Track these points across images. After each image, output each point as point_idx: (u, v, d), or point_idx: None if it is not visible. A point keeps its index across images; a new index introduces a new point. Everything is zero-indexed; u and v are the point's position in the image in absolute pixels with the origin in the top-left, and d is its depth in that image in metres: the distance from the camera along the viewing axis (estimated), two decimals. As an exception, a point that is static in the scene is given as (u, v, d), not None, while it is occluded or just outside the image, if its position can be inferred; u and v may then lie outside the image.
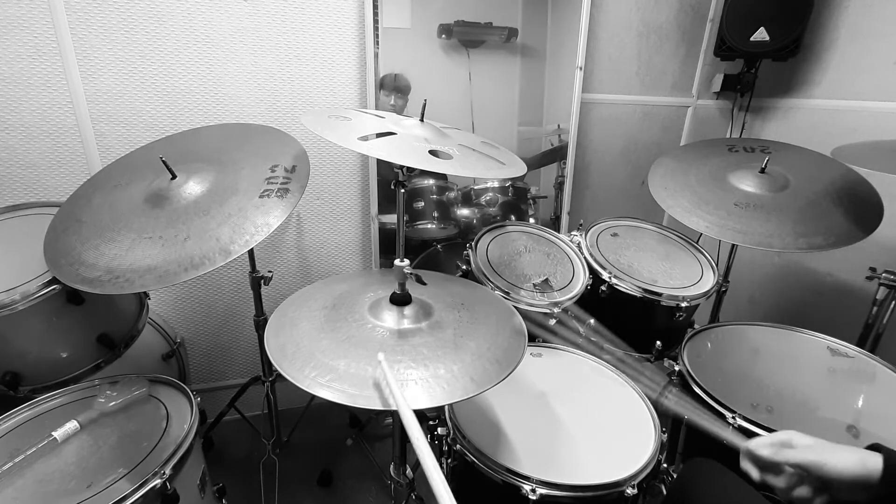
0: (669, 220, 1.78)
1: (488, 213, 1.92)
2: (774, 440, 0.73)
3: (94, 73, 1.44)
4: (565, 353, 1.35)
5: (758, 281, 2.20)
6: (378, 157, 0.91)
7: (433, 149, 0.92)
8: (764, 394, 1.19)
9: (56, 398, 1.06)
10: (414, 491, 1.17)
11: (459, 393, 0.77)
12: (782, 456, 0.70)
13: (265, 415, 1.63)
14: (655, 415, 1.11)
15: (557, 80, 1.95)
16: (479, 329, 0.94)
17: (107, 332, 1.15)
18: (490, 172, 1.24)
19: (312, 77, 1.65)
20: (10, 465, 0.85)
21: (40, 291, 1.01)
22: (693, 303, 1.46)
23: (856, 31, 1.79)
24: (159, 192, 1.08)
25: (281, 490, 1.57)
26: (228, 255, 0.94)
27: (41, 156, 1.45)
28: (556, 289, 1.46)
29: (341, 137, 0.90)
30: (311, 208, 1.81)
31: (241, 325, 1.85)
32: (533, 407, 1.15)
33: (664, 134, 2.23)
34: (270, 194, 1.05)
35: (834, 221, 1.28)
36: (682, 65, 2.14)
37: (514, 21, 1.85)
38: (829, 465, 0.66)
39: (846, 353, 1.30)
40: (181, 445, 0.90)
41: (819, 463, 0.66)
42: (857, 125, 1.80)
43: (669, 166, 1.57)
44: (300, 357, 0.83)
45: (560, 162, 2.04)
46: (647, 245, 1.70)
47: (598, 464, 0.98)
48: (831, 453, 0.67)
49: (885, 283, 1.34)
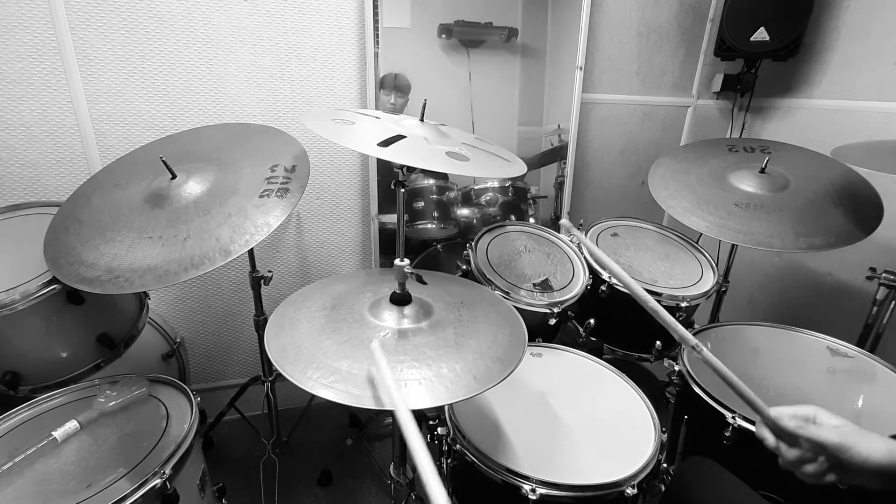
0: (669, 220, 1.78)
1: (488, 213, 1.92)
2: (799, 412, 0.71)
3: (94, 73, 1.44)
4: (565, 353, 1.35)
5: (758, 281, 2.20)
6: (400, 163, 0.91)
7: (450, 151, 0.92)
8: (764, 394, 1.17)
9: (56, 398, 1.06)
10: (414, 491, 1.17)
11: (463, 392, 0.77)
12: (807, 431, 0.68)
13: (265, 415, 1.63)
14: (655, 415, 1.11)
15: (557, 80, 1.95)
16: (479, 328, 0.94)
17: (107, 332, 1.15)
18: (490, 172, 1.24)
19: (312, 77, 1.65)
20: (10, 465, 0.85)
21: (40, 291, 1.01)
22: (693, 303, 1.46)
23: (856, 31, 1.79)
24: (159, 191, 1.08)
25: (281, 490, 1.57)
26: (228, 255, 0.94)
27: (41, 155, 1.45)
28: (556, 289, 1.46)
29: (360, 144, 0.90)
30: (311, 208, 1.81)
31: (241, 324, 1.85)
32: (533, 407, 1.15)
33: (664, 134, 2.23)
34: (270, 194, 1.05)
35: (834, 221, 1.28)
36: (682, 65, 2.14)
37: (514, 21, 1.85)
38: (856, 449, 0.64)
39: (846, 353, 1.30)
40: (181, 445, 0.90)
41: (846, 446, 0.64)
42: (857, 125, 1.80)
43: (669, 166, 1.57)
44: (302, 358, 0.83)
45: (560, 162, 2.04)
46: (646, 245, 1.70)
47: (598, 464, 0.98)
48: (860, 438, 0.65)
49: (885, 283, 1.34)
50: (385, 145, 0.87)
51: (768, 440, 0.72)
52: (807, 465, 0.69)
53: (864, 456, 0.63)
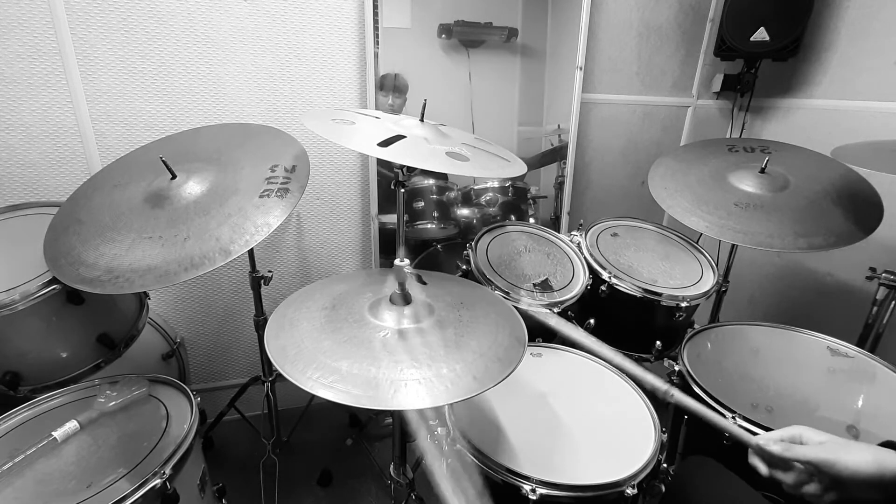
0: (669, 220, 1.78)
1: (488, 213, 1.92)
2: (784, 435, 0.71)
3: (94, 73, 1.44)
4: (565, 353, 1.35)
5: (758, 281, 2.20)
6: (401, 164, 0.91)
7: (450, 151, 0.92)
8: (764, 394, 1.20)
9: (56, 398, 1.06)
10: (414, 491, 1.17)
11: (463, 392, 0.77)
12: (793, 453, 0.68)
13: (265, 415, 1.63)
14: (655, 415, 1.11)
15: (557, 80, 1.95)
16: (479, 328, 0.94)
17: (107, 332, 1.15)
18: (490, 172, 1.24)
19: (312, 77, 1.65)
20: (10, 465, 0.85)
21: (40, 291, 1.01)
22: (693, 303, 1.46)
23: (856, 31, 1.79)
24: (159, 191, 1.08)
25: (281, 490, 1.57)
26: (228, 255, 0.94)
27: (41, 155, 1.45)
28: (556, 289, 1.46)
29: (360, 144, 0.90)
30: (311, 208, 1.81)
31: (241, 325, 1.85)
32: (533, 407, 1.15)
33: (664, 134, 2.23)
34: (270, 194, 1.05)
35: (834, 221, 1.28)
36: (682, 65, 2.14)
37: (514, 21, 1.85)
38: (842, 463, 0.63)
39: (846, 353, 1.30)
40: (181, 445, 0.90)
41: (831, 461, 0.64)
42: (857, 125, 1.80)
43: (669, 166, 1.57)
44: (301, 358, 0.82)
45: (560, 162, 2.04)
46: (647, 245, 1.70)
47: (598, 464, 0.98)
48: (845, 451, 0.65)
49: (885, 283, 1.34)
50: (385, 145, 0.87)
51: (761, 469, 0.72)
52: (806, 486, 0.68)
53: (851, 469, 0.63)
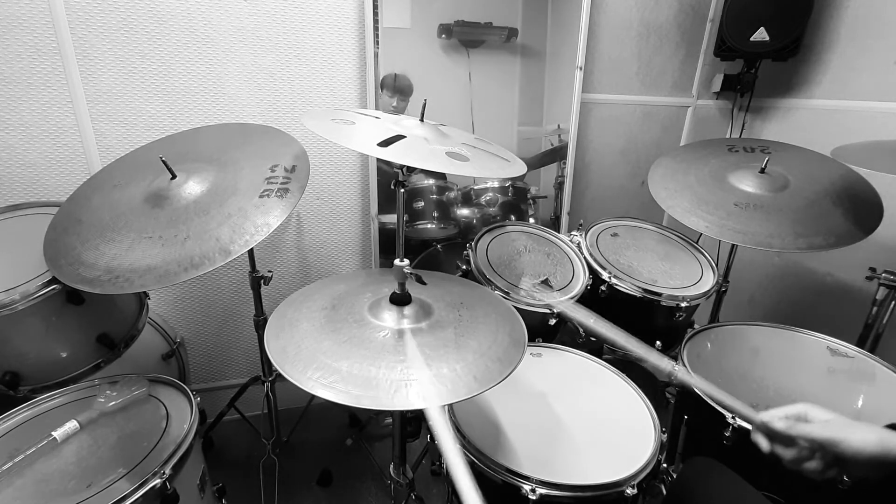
0: (669, 220, 1.78)
1: (488, 213, 1.92)
2: (789, 412, 0.71)
3: (94, 73, 1.44)
4: (565, 353, 1.35)
5: (758, 281, 2.20)
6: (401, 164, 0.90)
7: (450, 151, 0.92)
8: (764, 394, 1.20)
9: (56, 398, 1.06)
10: (414, 491, 1.17)
11: (463, 392, 0.77)
12: (797, 430, 0.69)
13: (265, 415, 1.63)
14: (655, 415, 1.11)
15: (557, 80, 1.95)
16: (479, 328, 0.94)
17: (107, 332, 1.15)
18: (490, 172, 1.24)
19: (312, 77, 1.65)
20: (10, 465, 0.85)
21: (40, 291, 1.01)
22: (693, 303, 1.46)
23: (856, 31, 1.79)
24: (159, 191, 1.08)
25: (281, 490, 1.57)
26: (228, 255, 0.94)
27: (41, 155, 1.45)
28: (556, 289, 1.46)
29: (360, 144, 0.89)
30: (311, 208, 1.81)
31: (241, 325, 1.85)
32: (533, 407, 1.15)
33: (664, 134, 2.23)
34: (270, 194, 1.05)
35: (834, 221, 1.28)
36: (681, 65, 2.14)
37: (514, 21, 1.85)
38: (847, 442, 0.64)
39: (846, 353, 1.30)
40: (181, 445, 0.90)
41: (837, 440, 0.65)
42: (857, 125, 1.80)
43: (669, 166, 1.57)
44: (302, 358, 0.82)
45: (560, 162, 2.04)
46: (646, 245, 1.70)
47: (598, 464, 0.98)
48: (850, 430, 0.65)
49: (885, 283, 1.34)
50: (385, 145, 0.87)
51: (762, 445, 0.73)
52: (806, 463, 0.69)
53: (855, 448, 0.64)
